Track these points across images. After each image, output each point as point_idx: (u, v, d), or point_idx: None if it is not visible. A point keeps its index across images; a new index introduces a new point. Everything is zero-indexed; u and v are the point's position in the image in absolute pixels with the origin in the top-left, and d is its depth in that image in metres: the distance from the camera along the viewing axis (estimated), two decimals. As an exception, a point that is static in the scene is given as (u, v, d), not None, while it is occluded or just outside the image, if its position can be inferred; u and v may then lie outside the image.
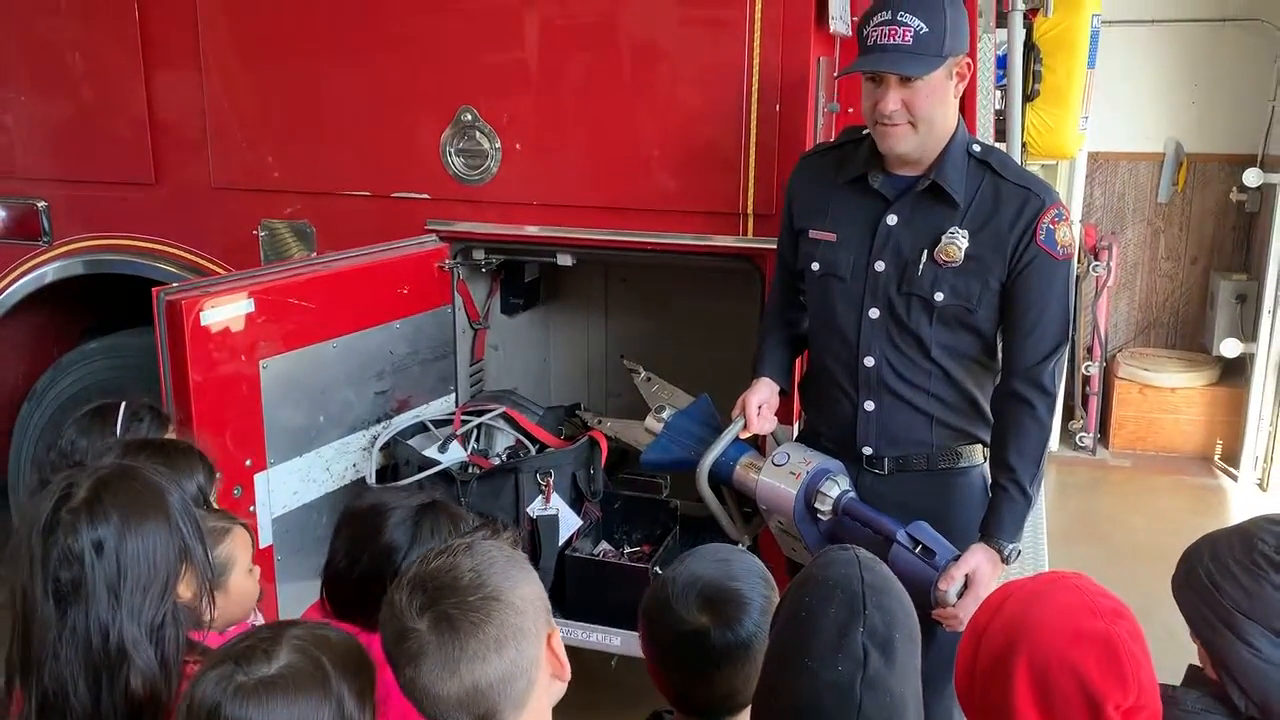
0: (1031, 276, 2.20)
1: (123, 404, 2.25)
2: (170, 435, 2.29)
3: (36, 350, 3.89)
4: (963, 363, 2.30)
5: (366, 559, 1.86)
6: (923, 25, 2.09)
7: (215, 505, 2.07)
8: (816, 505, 2.32)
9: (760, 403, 2.43)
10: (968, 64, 2.20)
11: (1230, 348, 5.62)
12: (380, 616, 1.41)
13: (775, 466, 2.39)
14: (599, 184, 3.03)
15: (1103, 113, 5.33)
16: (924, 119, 2.16)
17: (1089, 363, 5.84)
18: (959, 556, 2.17)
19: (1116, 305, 6.17)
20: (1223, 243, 6.07)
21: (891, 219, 2.27)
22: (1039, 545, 3.44)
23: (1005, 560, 2.20)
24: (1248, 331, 5.59)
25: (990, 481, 2.31)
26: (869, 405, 2.34)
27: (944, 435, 2.34)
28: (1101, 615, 1.37)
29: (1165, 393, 5.83)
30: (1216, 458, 5.72)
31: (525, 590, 1.39)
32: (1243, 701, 1.38)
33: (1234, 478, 5.54)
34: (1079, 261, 5.71)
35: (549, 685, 1.43)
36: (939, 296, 2.23)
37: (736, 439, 2.47)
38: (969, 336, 2.28)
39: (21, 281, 3.68)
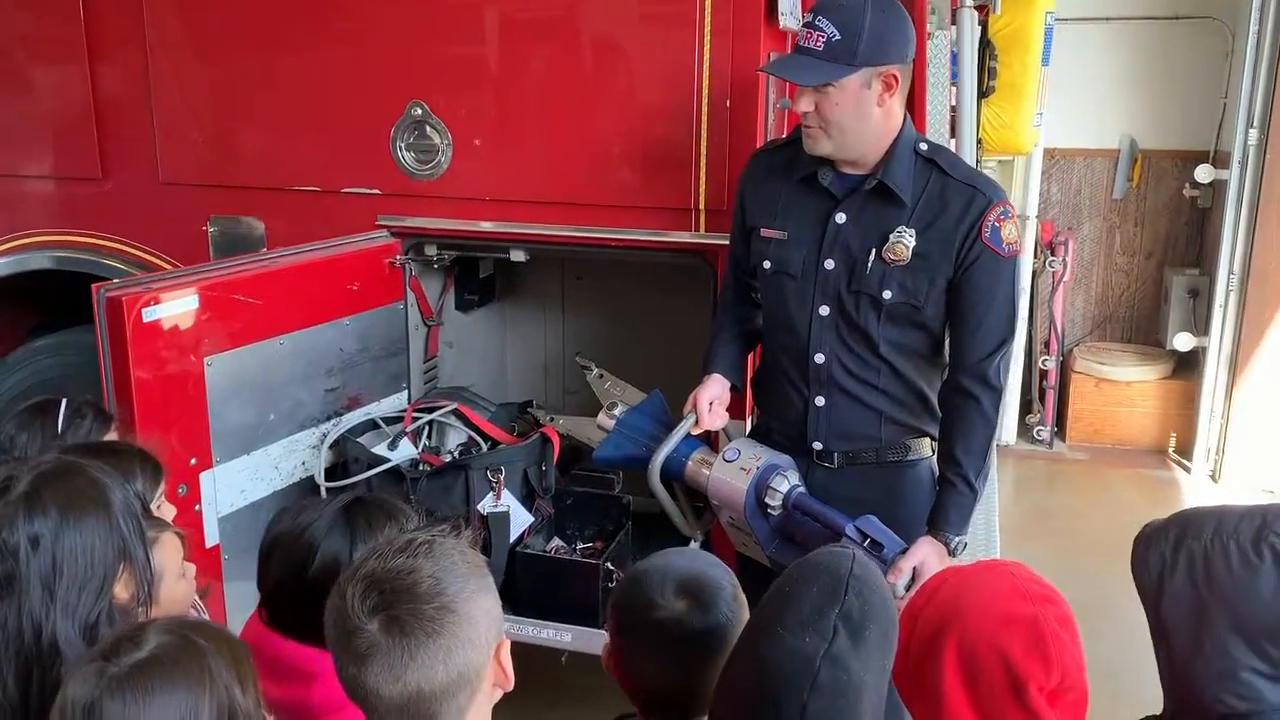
0: (977, 273, 2.21)
1: (64, 400, 2.20)
2: (113, 435, 2.25)
3: (-20, 348, 3.82)
4: (911, 359, 2.31)
5: (310, 575, 1.74)
6: (836, 33, 2.10)
7: (157, 508, 2.03)
8: (767, 500, 2.33)
9: (711, 399, 2.43)
10: (894, 76, 2.16)
11: (1183, 342, 5.69)
12: (327, 604, 1.39)
13: (726, 462, 2.39)
14: (551, 179, 3.01)
15: (1058, 109, 5.37)
16: (834, 124, 2.17)
17: (1046, 357, 5.89)
18: (906, 549, 2.19)
19: (1073, 300, 6.23)
20: (1176, 238, 6.15)
21: (840, 217, 2.27)
22: (991, 538, 3.46)
23: (952, 552, 2.22)
24: (1200, 326, 5.65)
25: (937, 475, 2.32)
26: (819, 401, 2.35)
27: (893, 430, 2.36)
28: (1031, 599, 1.39)
29: (1121, 386, 5.90)
30: (1171, 450, 5.79)
31: (481, 601, 1.38)
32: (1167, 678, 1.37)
33: (1187, 470, 5.61)
34: (1036, 257, 5.77)
35: (491, 693, 1.42)
36: (887, 295, 2.24)
37: (688, 435, 2.46)
38: (917, 334, 2.30)
39: (-39, 280, 3.60)
